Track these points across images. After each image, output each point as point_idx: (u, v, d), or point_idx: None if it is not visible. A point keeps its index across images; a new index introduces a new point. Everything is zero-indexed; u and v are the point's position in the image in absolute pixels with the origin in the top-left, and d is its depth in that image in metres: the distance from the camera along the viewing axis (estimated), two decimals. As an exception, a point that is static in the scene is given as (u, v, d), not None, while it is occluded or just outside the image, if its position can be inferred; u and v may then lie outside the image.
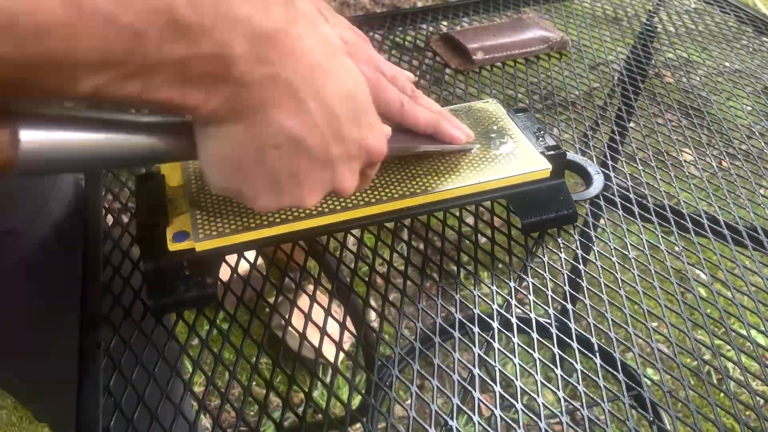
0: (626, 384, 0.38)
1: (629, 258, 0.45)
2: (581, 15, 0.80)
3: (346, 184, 0.32)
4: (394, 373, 0.38)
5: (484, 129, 0.47)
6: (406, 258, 0.45)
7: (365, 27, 0.75)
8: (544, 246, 0.46)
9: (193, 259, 0.38)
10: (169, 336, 0.40)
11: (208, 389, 0.39)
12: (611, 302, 0.42)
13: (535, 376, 0.38)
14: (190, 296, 0.38)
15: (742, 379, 0.38)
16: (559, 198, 0.46)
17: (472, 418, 0.36)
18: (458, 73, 0.68)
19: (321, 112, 0.28)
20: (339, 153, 0.30)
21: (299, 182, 0.30)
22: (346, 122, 0.29)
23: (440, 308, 0.42)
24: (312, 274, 0.45)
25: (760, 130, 0.60)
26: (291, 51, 0.26)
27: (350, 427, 0.36)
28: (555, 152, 0.45)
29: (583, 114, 0.62)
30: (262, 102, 0.26)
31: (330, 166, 0.30)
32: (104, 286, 0.42)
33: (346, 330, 0.41)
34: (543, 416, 0.36)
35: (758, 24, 0.76)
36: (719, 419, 0.36)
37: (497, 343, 0.40)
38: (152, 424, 0.35)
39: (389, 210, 0.41)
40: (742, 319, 0.41)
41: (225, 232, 0.38)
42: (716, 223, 0.49)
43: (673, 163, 0.55)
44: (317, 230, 0.40)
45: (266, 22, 0.25)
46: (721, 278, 0.45)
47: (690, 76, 0.69)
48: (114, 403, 0.35)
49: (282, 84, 0.26)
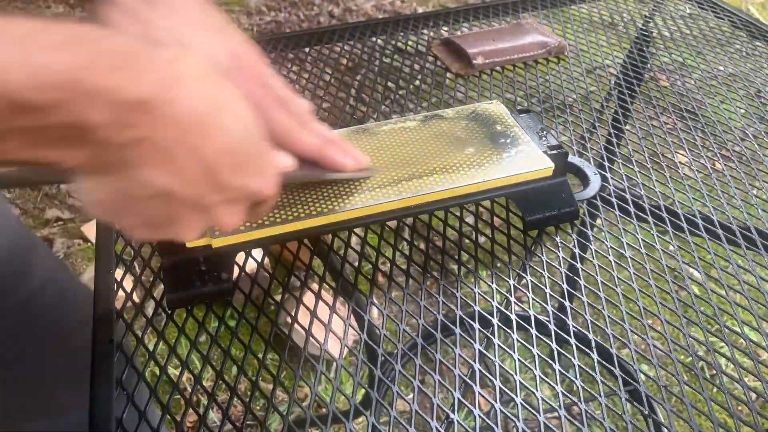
0: (622, 379, 0.39)
1: (625, 257, 0.46)
2: (578, 20, 0.81)
3: (226, 224, 0.31)
4: (397, 368, 0.39)
5: (489, 129, 0.48)
6: (408, 257, 0.46)
7: (368, 33, 0.77)
8: (542, 245, 0.47)
9: (209, 255, 0.40)
10: (180, 332, 0.41)
11: (216, 384, 0.40)
12: (608, 300, 0.43)
13: (534, 371, 0.39)
14: (206, 290, 0.40)
15: (735, 375, 0.39)
16: (561, 196, 0.47)
17: (473, 411, 0.37)
18: (459, 77, 0.69)
19: (196, 168, 0.27)
20: (217, 200, 0.29)
21: (174, 223, 0.30)
22: (227, 173, 0.29)
23: (441, 305, 0.43)
24: (317, 272, 0.46)
25: (753, 132, 0.61)
26: (163, 116, 0.26)
27: (354, 420, 0.37)
28: (557, 151, 0.46)
29: (581, 117, 0.63)
30: (129, 161, 0.26)
31: (207, 211, 0.30)
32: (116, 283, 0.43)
33: (350, 326, 0.42)
34: (541, 410, 0.36)
35: (751, 29, 0.77)
36: (713, 413, 0.36)
37: (497, 339, 0.41)
38: (163, 417, 0.36)
39: (399, 207, 0.43)
40: (736, 317, 0.42)
41: (239, 230, 0.39)
42: (710, 222, 0.49)
43: (668, 164, 0.56)
44: (325, 228, 0.42)
45: (134, 91, 0.24)
46: (715, 276, 0.45)
47: (685, 80, 0.70)
48: (126, 396, 0.36)
49: (150, 146, 0.26)
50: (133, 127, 0.25)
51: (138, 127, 0.25)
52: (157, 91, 0.25)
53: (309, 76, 0.69)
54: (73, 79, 0.23)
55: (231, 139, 0.28)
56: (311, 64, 0.72)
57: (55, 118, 0.23)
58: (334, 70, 0.70)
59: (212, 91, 0.28)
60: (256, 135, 0.30)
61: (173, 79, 0.26)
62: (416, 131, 0.48)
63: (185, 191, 0.28)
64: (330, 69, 0.71)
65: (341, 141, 0.40)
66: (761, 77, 0.69)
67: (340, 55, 0.73)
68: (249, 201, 0.32)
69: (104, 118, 0.24)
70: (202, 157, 0.27)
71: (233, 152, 0.29)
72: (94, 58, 0.24)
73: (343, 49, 0.74)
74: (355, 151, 0.41)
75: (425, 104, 0.65)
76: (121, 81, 0.24)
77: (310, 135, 0.38)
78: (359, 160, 0.41)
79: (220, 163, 0.28)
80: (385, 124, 0.49)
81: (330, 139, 0.39)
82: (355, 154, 0.40)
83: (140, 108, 0.25)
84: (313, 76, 0.69)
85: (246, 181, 0.30)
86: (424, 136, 0.47)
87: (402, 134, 0.48)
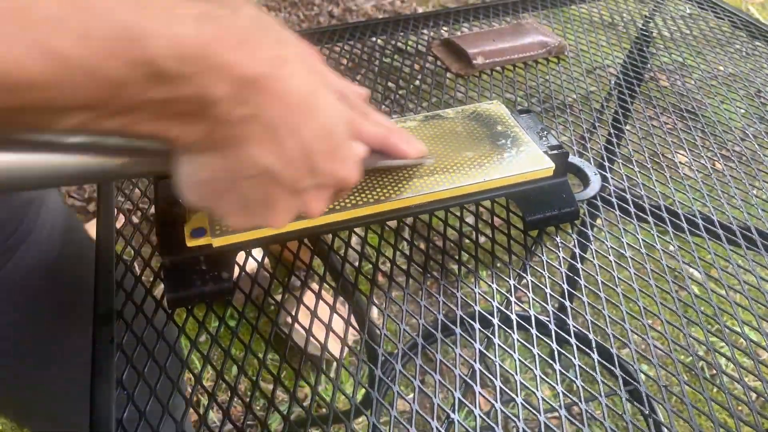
0: (623, 379, 0.39)
1: (626, 257, 0.46)
2: (579, 20, 0.81)
3: (314, 210, 0.32)
4: (397, 367, 0.39)
5: (489, 129, 0.48)
6: (409, 257, 0.46)
7: (368, 33, 0.77)
8: (542, 245, 0.47)
9: (209, 255, 0.40)
10: (180, 331, 0.41)
11: (217, 383, 0.40)
12: (608, 300, 0.43)
13: (534, 371, 0.39)
14: (207, 290, 0.40)
15: (735, 375, 0.39)
16: (561, 196, 0.47)
17: (473, 411, 0.37)
18: (459, 77, 0.69)
19: (297, 149, 0.29)
20: (311, 184, 0.31)
21: (269, 207, 0.30)
22: (321, 157, 0.30)
23: (442, 305, 0.43)
24: (317, 272, 0.46)
25: (753, 132, 0.61)
26: (273, 93, 0.27)
27: (354, 420, 0.37)
28: (558, 151, 0.46)
29: (581, 117, 0.63)
30: (239, 138, 0.27)
31: (300, 195, 0.31)
32: (117, 283, 0.43)
33: (351, 326, 0.42)
34: (542, 410, 0.36)
35: (751, 29, 0.77)
36: (713, 413, 0.36)
37: (497, 339, 0.41)
38: (164, 416, 0.36)
39: (399, 207, 0.43)
40: (736, 316, 0.42)
41: (239, 229, 0.39)
42: (710, 222, 0.49)
43: (668, 164, 0.56)
44: (325, 227, 0.42)
45: (252, 68, 0.25)
46: (715, 276, 0.45)
47: (685, 80, 0.70)
48: (127, 396, 0.36)
49: (261, 123, 0.27)
50: (247, 102, 0.26)
51: (250, 104, 0.26)
52: (270, 68, 0.26)
53: (309, 76, 0.69)
54: (206, 52, 0.24)
55: (326, 122, 0.30)
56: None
57: (185, 90, 0.24)
58: (334, 70, 0.70)
59: (312, 75, 0.29)
60: (344, 125, 0.32)
61: (282, 59, 0.27)
62: (416, 131, 0.48)
63: (285, 172, 0.29)
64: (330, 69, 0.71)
65: (401, 130, 0.42)
66: (761, 77, 0.69)
67: (340, 55, 0.73)
68: (335, 188, 0.33)
69: (225, 93, 0.25)
70: (301, 137, 0.28)
71: (327, 136, 0.30)
72: (222, 33, 0.24)
73: (343, 49, 0.74)
74: (414, 139, 0.42)
75: (425, 104, 0.65)
76: (243, 57, 0.25)
77: (373, 125, 0.39)
78: (420, 148, 0.42)
79: (316, 146, 0.29)
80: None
81: (391, 128, 0.41)
82: (415, 143, 0.42)
83: (255, 84, 0.26)
84: (313, 76, 0.69)
85: (336, 167, 0.31)
86: (424, 136, 0.48)
87: None
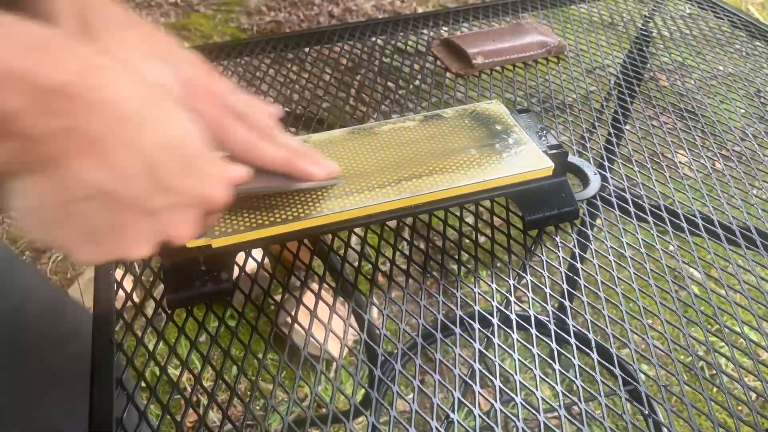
0: (622, 379, 0.39)
1: (625, 256, 0.46)
2: (578, 20, 0.81)
3: (178, 233, 0.30)
4: (397, 367, 0.39)
5: (489, 129, 0.48)
6: (408, 257, 0.46)
7: (368, 33, 0.77)
8: (542, 245, 0.47)
9: (209, 256, 0.40)
10: (180, 332, 0.41)
11: (216, 384, 0.40)
12: (608, 299, 0.43)
13: (534, 371, 0.39)
14: (206, 290, 0.40)
15: (735, 375, 0.39)
16: (561, 195, 0.47)
17: (473, 411, 0.37)
18: (459, 77, 0.69)
19: (136, 163, 0.26)
20: (166, 203, 0.28)
21: (119, 234, 0.28)
22: (172, 172, 0.28)
23: (441, 305, 0.43)
24: (317, 272, 0.46)
25: (753, 132, 0.61)
26: (89, 103, 0.24)
27: (354, 420, 0.37)
28: (557, 151, 0.46)
29: (581, 117, 0.63)
30: (57, 155, 0.25)
31: (156, 217, 0.28)
32: (117, 283, 0.43)
33: (350, 326, 0.42)
34: (541, 410, 0.36)
35: (751, 29, 0.77)
36: (713, 413, 0.36)
37: (497, 339, 0.41)
38: (163, 416, 0.36)
39: (399, 207, 0.43)
40: (735, 316, 0.42)
41: (239, 230, 0.39)
42: (710, 222, 0.50)
43: (668, 164, 0.56)
44: (325, 227, 0.42)
45: (53, 75, 0.23)
46: (715, 276, 0.45)
47: (684, 80, 0.70)
48: (126, 396, 0.37)
49: (79, 136, 0.25)
50: (57, 114, 0.24)
51: (63, 115, 0.24)
52: (78, 76, 0.24)
53: (309, 76, 0.69)
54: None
55: (172, 135, 0.27)
56: (311, 64, 0.72)
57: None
58: (334, 70, 0.70)
59: (145, 88, 0.27)
60: (200, 140, 0.29)
61: (97, 68, 0.25)
62: (416, 131, 0.48)
63: (126, 190, 0.26)
64: (330, 69, 0.71)
65: (309, 150, 0.40)
66: (761, 77, 0.69)
67: (340, 55, 0.73)
68: (200, 207, 0.30)
69: (23, 104, 0.23)
70: (140, 151, 0.26)
71: (176, 149, 0.28)
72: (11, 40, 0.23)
73: (343, 49, 0.74)
74: (324, 159, 0.41)
75: (425, 104, 0.65)
76: (37, 63, 0.23)
77: (274, 147, 0.37)
78: (329, 168, 0.40)
79: (163, 160, 0.27)
80: (385, 124, 0.49)
81: (297, 149, 0.39)
82: (325, 163, 0.40)
83: (62, 93, 0.24)
84: (313, 76, 0.69)
85: (192, 184, 0.29)
86: (424, 136, 0.48)
87: (402, 134, 0.48)
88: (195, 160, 0.29)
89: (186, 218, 0.30)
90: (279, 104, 0.45)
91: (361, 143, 0.47)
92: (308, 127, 0.61)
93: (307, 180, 0.39)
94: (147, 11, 2.45)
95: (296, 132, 0.60)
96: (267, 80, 0.68)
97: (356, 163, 0.45)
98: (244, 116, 0.37)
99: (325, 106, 0.65)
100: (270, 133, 0.38)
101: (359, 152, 0.46)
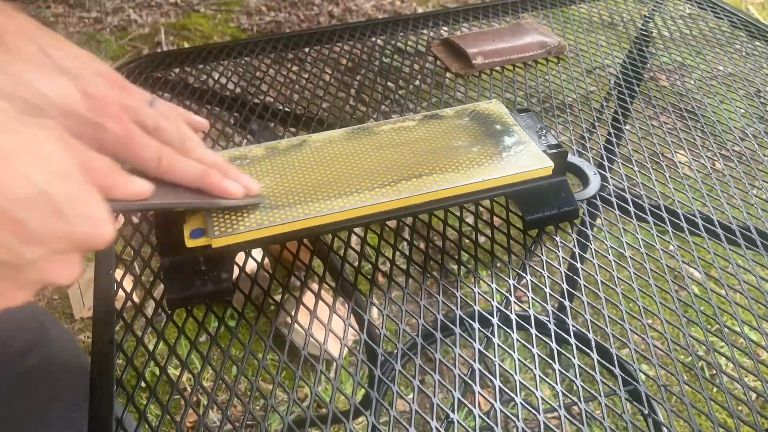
0: (622, 379, 0.39)
1: (625, 256, 0.46)
2: (578, 20, 0.81)
3: (62, 278, 0.29)
4: (397, 368, 0.39)
5: (489, 128, 0.48)
6: (408, 256, 0.46)
7: (368, 33, 0.77)
8: (542, 245, 0.47)
9: (209, 255, 0.40)
10: (180, 332, 0.41)
11: (216, 384, 0.40)
12: (608, 299, 0.43)
13: (534, 371, 0.39)
14: (206, 290, 0.40)
15: (735, 374, 0.39)
16: (561, 195, 0.47)
17: (473, 411, 0.37)
18: (458, 77, 0.69)
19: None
20: (39, 254, 0.27)
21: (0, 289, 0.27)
22: (38, 222, 0.26)
23: (441, 305, 0.43)
24: (317, 272, 0.46)
25: (753, 132, 0.61)
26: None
27: (354, 420, 0.37)
28: (557, 150, 0.46)
29: (580, 117, 0.63)
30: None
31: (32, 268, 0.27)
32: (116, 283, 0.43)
33: (350, 326, 0.42)
34: (541, 410, 0.36)
35: (751, 29, 0.77)
36: (713, 413, 0.36)
37: (497, 339, 0.41)
38: (163, 416, 0.36)
39: (398, 207, 0.43)
40: (735, 316, 0.42)
41: (239, 230, 0.39)
42: (710, 222, 0.50)
43: (668, 164, 0.56)
44: (325, 227, 0.42)
45: None
46: (715, 276, 0.45)
47: (684, 80, 0.70)
48: (126, 396, 0.37)
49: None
50: None
51: None
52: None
53: (309, 76, 0.69)
54: None
55: (35, 184, 0.26)
56: (311, 64, 0.72)
57: None
58: (334, 70, 0.70)
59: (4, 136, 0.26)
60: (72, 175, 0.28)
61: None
62: (416, 131, 0.48)
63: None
64: (330, 69, 0.71)
65: (227, 166, 0.39)
66: (761, 77, 0.69)
67: (340, 55, 0.73)
68: (80, 249, 0.29)
69: None
70: None
71: (40, 197, 0.26)
72: None
73: (343, 49, 0.74)
74: (243, 176, 0.39)
75: (425, 104, 0.65)
76: None
77: (189, 162, 0.36)
78: (248, 187, 0.39)
79: (28, 214, 0.26)
80: (385, 123, 0.49)
81: (213, 163, 0.37)
82: (244, 180, 0.39)
83: None
84: (313, 76, 0.69)
85: (68, 228, 0.27)
86: (424, 136, 0.48)
87: (402, 134, 0.48)
88: (68, 203, 0.27)
89: (67, 262, 0.29)
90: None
91: (360, 143, 0.47)
92: (308, 127, 0.61)
93: (224, 196, 0.37)
94: (147, 11, 2.45)
95: (296, 132, 0.60)
96: (267, 80, 0.68)
97: (356, 163, 0.45)
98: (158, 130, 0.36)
99: (325, 106, 0.65)
100: (186, 146, 0.37)
101: (359, 152, 0.46)
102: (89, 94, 0.33)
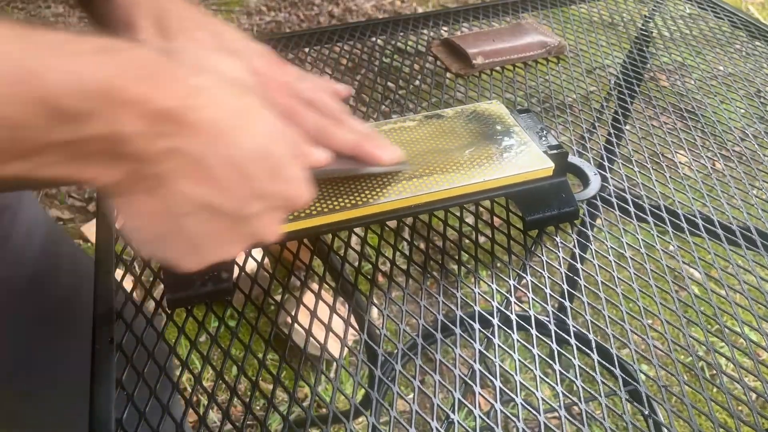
0: (622, 379, 0.39)
1: (625, 257, 0.46)
2: (578, 20, 0.81)
3: (269, 234, 0.31)
4: (397, 368, 0.39)
5: (489, 129, 0.48)
6: (409, 257, 0.46)
7: (368, 33, 0.77)
8: (542, 245, 0.47)
9: None
10: (180, 332, 0.41)
11: (217, 384, 0.40)
12: (608, 300, 0.43)
13: (534, 371, 0.39)
14: (206, 290, 0.40)
15: (735, 375, 0.39)
16: (561, 195, 0.47)
17: (473, 411, 0.37)
18: (458, 77, 0.69)
19: (233, 176, 0.28)
20: (258, 209, 0.30)
21: (220, 241, 0.30)
22: (263, 179, 0.29)
23: (441, 305, 0.43)
24: (317, 272, 0.46)
25: (753, 132, 0.61)
26: (190, 125, 0.26)
27: (354, 420, 0.37)
28: (557, 151, 0.46)
29: (581, 117, 0.63)
30: (164, 174, 0.26)
31: (250, 222, 0.30)
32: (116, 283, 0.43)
33: (350, 326, 0.42)
34: (541, 410, 0.36)
35: (751, 29, 0.77)
36: (713, 413, 0.36)
37: (497, 339, 0.41)
38: (163, 417, 0.36)
39: (399, 207, 0.43)
40: (736, 317, 0.42)
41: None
42: (710, 222, 0.49)
43: (668, 164, 0.56)
44: (325, 227, 0.42)
45: (162, 101, 0.25)
46: (715, 276, 0.45)
47: (685, 80, 0.70)
48: (126, 396, 0.36)
49: (183, 155, 0.26)
50: (164, 136, 0.25)
51: (169, 137, 0.25)
52: (183, 100, 0.26)
53: (309, 76, 0.69)
54: (108, 87, 0.23)
55: (261, 144, 0.29)
56: (311, 64, 0.72)
57: (92, 128, 0.23)
58: (334, 70, 0.70)
59: (235, 101, 0.28)
60: (286, 139, 0.31)
61: (195, 89, 0.27)
62: (416, 131, 0.48)
63: (226, 203, 0.28)
64: (330, 69, 0.71)
65: (376, 135, 0.41)
66: (761, 77, 0.69)
67: (340, 55, 0.73)
68: (287, 209, 0.32)
69: (137, 128, 0.24)
70: (235, 164, 0.28)
71: (266, 157, 0.29)
72: (124, 67, 0.24)
73: (343, 49, 0.74)
74: (389, 145, 0.41)
75: (425, 104, 0.65)
76: (150, 90, 0.25)
77: (344, 131, 0.38)
78: (395, 154, 0.41)
79: (256, 170, 0.28)
80: (385, 124, 0.49)
81: (365, 134, 0.40)
82: (391, 148, 0.41)
83: (169, 117, 0.25)
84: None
85: (282, 188, 0.30)
86: (424, 136, 0.48)
87: (402, 134, 0.48)
88: (281, 166, 0.30)
89: (275, 220, 0.31)
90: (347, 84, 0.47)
91: None
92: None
93: (375, 163, 0.40)
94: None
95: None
96: (267, 80, 0.68)
97: None
98: (314, 102, 0.38)
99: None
100: (339, 117, 0.39)
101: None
102: (257, 71, 0.36)
